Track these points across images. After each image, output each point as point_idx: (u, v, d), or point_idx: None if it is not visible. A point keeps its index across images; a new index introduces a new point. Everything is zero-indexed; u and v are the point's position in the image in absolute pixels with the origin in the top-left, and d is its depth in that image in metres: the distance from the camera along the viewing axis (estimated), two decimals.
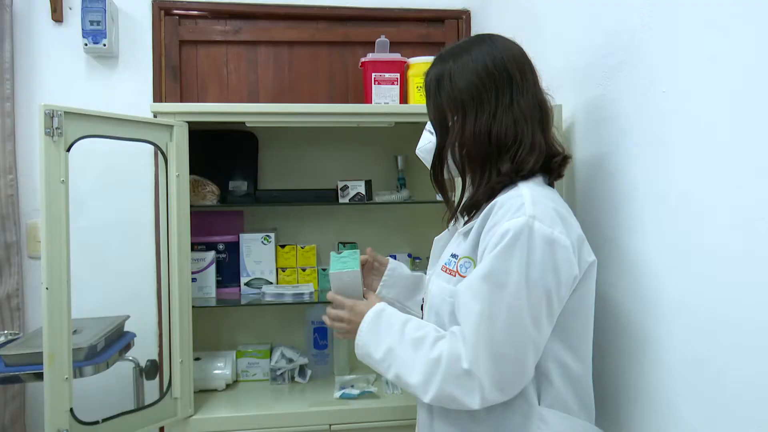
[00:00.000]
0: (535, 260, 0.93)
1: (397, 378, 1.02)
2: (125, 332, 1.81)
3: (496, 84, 1.04)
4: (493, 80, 1.04)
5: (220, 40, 2.13)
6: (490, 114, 1.04)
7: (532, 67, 1.11)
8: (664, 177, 1.05)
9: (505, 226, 0.95)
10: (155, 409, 1.62)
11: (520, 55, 1.10)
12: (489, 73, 1.05)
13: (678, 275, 1.00)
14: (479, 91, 1.04)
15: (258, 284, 1.99)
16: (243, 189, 2.01)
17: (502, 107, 1.04)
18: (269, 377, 1.95)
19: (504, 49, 1.08)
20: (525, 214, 0.95)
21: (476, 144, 1.04)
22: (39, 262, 1.95)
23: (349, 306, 1.15)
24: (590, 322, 1.07)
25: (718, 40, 0.91)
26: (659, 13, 1.06)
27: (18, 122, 1.95)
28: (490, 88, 1.04)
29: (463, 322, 0.97)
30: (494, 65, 1.05)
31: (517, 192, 1.01)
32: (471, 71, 1.05)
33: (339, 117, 1.74)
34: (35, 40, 1.97)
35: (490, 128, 1.03)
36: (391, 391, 1.85)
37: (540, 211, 0.96)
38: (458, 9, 2.21)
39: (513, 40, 1.14)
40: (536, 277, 0.93)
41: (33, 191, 1.96)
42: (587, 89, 1.33)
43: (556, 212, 0.98)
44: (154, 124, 1.60)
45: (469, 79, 1.05)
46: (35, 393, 1.97)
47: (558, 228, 0.96)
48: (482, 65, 1.05)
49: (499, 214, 0.98)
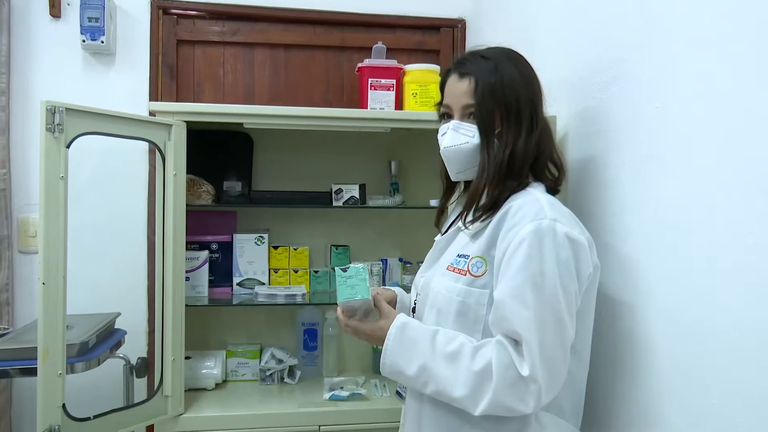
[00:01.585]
0: (562, 260, 0.97)
1: (437, 394, 1.02)
2: (116, 329, 1.81)
3: (536, 100, 1.12)
4: (538, 96, 1.13)
5: (218, 40, 2.14)
6: (536, 128, 1.10)
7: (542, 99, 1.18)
8: (654, 190, 1.08)
9: (530, 228, 0.98)
10: (146, 407, 1.62)
11: (536, 78, 1.17)
12: (536, 89, 1.13)
13: (666, 285, 1.04)
14: (533, 105, 1.11)
15: (250, 285, 2.00)
16: (237, 189, 2.02)
17: (541, 122, 1.12)
18: (258, 377, 1.96)
19: (530, 65, 1.16)
20: (546, 216, 0.99)
21: (522, 155, 1.08)
22: (29, 257, 1.96)
23: (369, 332, 1.10)
24: (591, 326, 1.10)
25: (711, 59, 0.95)
26: (654, 31, 1.09)
27: (12, 117, 1.94)
28: (538, 104, 1.12)
29: (519, 328, 0.96)
30: (536, 81, 1.14)
31: (533, 197, 1.04)
32: (523, 84, 1.11)
33: (336, 121, 1.77)
34: (32, 34, 1.97)
35: (537, 141, 1.10)
36: (380, 393, 1.88)
37: (558, 213, 1.00)
38: (454, 18, 2.25)
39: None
40: (566, 277, 0.97)
41: (25, 186, 1.96)
42: (581, 102, 1.37)
43: (571, 214, 1.04)
44: (153, 123, 1.61)
45: (524, 92, 1.10)
46: (22, 388, 1.96)
47: (576, 229, 1.00)
48: (530, 79, 1.13)
49: (518, 216, 1.01)
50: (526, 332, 0.95)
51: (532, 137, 1.09)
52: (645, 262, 1.11)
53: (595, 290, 1.10)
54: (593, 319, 1.12)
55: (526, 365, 0.95)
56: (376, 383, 1.95)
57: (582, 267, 1.00)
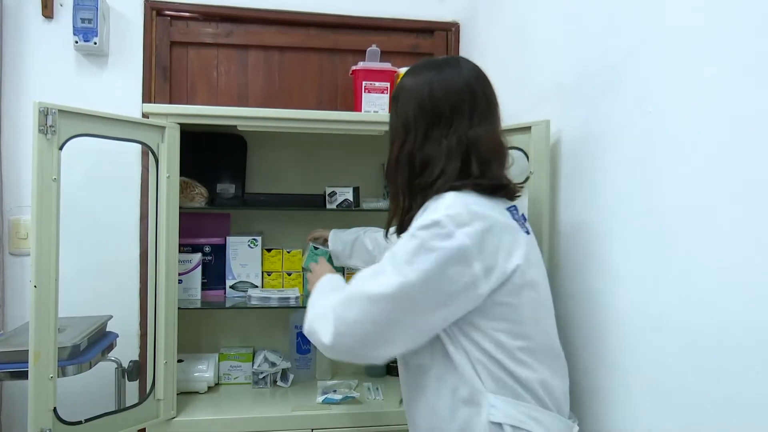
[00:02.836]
0: (431, 256, 1.02)
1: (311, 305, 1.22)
2: (108, 332, 1.80)
3: (426, 120, 1.14)
4: (424, 116, 1.14)
5: (211, 42, 2.13)
6: (414, 144, 1.15)
7: (474, 102, 1.15)
8: (646, 193, 1.09)
9: (415, 225, 1.06)
10: (138, 411, 1.61)
11: (460, 90, 1.15)
12: (423, 109, 1.15)
13: (658, 288, 1.05)
14: (408, 126, 1.16)
15: (243, 287, 1.99)
16: (231, 192, 2.01)
17: (426, 140, 1.14)
18: (251, 381, 1.96)
19: (445, 83, 1.15)
20: (434, 218, 1.03)
21: (399, 168, 1.17)
22: (20, 259, 1.95)
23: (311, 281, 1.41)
24: (540, 322, 1.11)
25: (704, 64, 0.95)
26: (648, 37, 1.10)
27: (3, 118, 1.93)
28: (420, 125, 1.15)
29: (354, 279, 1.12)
30: (431, 99, 1.14)
31: (439, 202, 1.07)
32: (410, 103, 1.16)
33: (330, 124, 1.76)
34: (24, 35, 1.95)
35: (411, 158, 1.15)
36: (373, 396, 1.87)
37: (448, 216, 1.02)
38: (448, 21, 2.25)
39: (474, 67, 1.20)
40: (430, 270, 1.02)
41: (17, 188, 1.94)
42: (574, 106, 1.37)
43: (472, 218, 1.03)
44: (146, 125, 1.60)
45: (406, 112, 1.16)
46: (12, 391, 1.94)
47: (465, 228, 1.01)
48: (418, 100, 1.15)
49: (416, 220, 1.09)
50: (353, 286, 1.09)
51: (404, 151, 1.15)
52: (636, 266, 1.11)
53: (526, 287, 1.07)
54: (546, 316, 1.14)
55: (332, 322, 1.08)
56: (369, 386, 1.95)
57: (455, 263, 1.01)
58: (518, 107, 1.68)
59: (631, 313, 1.13)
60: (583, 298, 1.31)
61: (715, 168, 0.93)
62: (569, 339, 1.36)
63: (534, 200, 1.46)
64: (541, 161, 1.44)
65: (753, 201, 0.85)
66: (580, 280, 1.32)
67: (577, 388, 1.29)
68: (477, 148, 1.12)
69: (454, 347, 1.07)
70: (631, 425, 1.14)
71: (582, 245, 1.33)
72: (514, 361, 1.06)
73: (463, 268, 1.00)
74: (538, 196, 1.44)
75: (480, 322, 1.05)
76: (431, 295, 1.02)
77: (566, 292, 1.38)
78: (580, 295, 1.32)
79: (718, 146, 0.92)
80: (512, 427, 1.04)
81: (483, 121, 1.15)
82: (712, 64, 0.94)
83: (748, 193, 0.86)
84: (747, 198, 0.86)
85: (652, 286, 1.07)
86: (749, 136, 0.86)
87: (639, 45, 1.13)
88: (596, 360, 1.25)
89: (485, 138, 1.13)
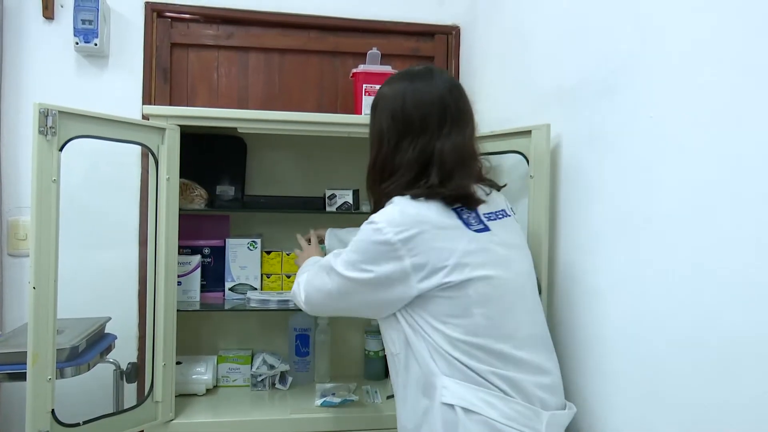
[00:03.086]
0: (361, 248, 1.17)
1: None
2: (106, 334, 1.79)
3: (398, 131, 1.21)
4: (396, 127, 1.21)
5: (212, 44, 2.13)
6: (387, 154, 1.23)
7: (444, 114, 1.20)
8: (646, 199, 1.09)
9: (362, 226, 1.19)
10: (136, 413, 1.61)
11: (431, 103, 1.20)
12: (395, 120, 1.21)
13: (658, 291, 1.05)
14: (382, 136, 1.24)
15: (242, 290, 1.99)
16: (230, 194, 2.01)
17: (396, 150, 1.21)
18: (250, 383, 1.95)
19: (418, 95, 1.21)
20: (373, 221, 1.15)
21: (372, 175, 1.27)
22: (19, 260, 1.94)
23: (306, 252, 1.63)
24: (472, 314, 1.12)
25: (705, 70, 0.96)
26: (649, 42, 1.10)
27: (3, 118, 1.92)
28: (392, 136, 1.22)
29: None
30: (403, 111, 1.21)
31: (386, 208, 1.18)
32: (385, 113, 1.23)
33: (330, 127, 1.77)
34: (25, 36, 1.95)
35: (382, 166, 1.24)
36: (372, 399, 1.87)
37: (386, 220, 1.13)
38: (448, 24, 2.25)
39: (447, 79, 1.25)
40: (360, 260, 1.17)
41: (16, 188, 1.94)
42: (575, 110, 1.37)
43: (402, 220, 1.12)
44: (146, 126, 1.60)
45: (381, 122, 1.24)
46: (10, 392, 1.93)
47: (395, 228, 1.12)
48: (392, 111, 1.22)
49: None
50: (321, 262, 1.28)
51: (378, 158, 1.25)
52: (636, 270, 1.11)
53: (472, 283, 1.11)
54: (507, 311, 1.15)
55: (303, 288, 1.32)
56: (368, 389, 1.95)
57: (387, 257, 1.13)
58: (518, 111, 1.69)
59: (631, 316, 1.13)
60: (581, 300, 1.31)
61: (715, 173, 0.93)
62: (567, 338, 1.36)
63: (534, 204, 1.46)
64: (542, 165, 1.44)
65: (753, 206, 0.85)
66: (580, 281, 1.32)
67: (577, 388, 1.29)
68: (441, 158, 1.18)
69: (415, 336, 1.15)
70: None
71: (582, 248, 1.33)
72: (464, 353, 1.11)
73: (392, 259, 1.12)
74: (538, 199, 1.45)
75: (426, 314, 1.13)
76: (364, 275, 1.16)
77: (565, 293, 1.38)
78: (578, 296, 1.33)
79: (719, 151, 0.92)
80: (463, 409, 1.08)
81: (453, 132, 1.20)
82: (713, 69, 0.94)
83: (748, 198, 0.86)
84: (747, 203, 0.86)
85: (653, 290, 1.07)
86: (750, 142, 0.86)
87: (640, 50, 1.13)
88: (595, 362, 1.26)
89: (450, 149, 1.19)
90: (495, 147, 1.60)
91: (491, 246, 1.17)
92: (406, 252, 1.11)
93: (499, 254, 1.18)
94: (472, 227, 1.16)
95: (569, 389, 1.29)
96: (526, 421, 1.09)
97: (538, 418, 1.11)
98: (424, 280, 1.11)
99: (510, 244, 1.22)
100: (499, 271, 1.15)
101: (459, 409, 1.08)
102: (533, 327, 1.20)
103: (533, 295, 1.24)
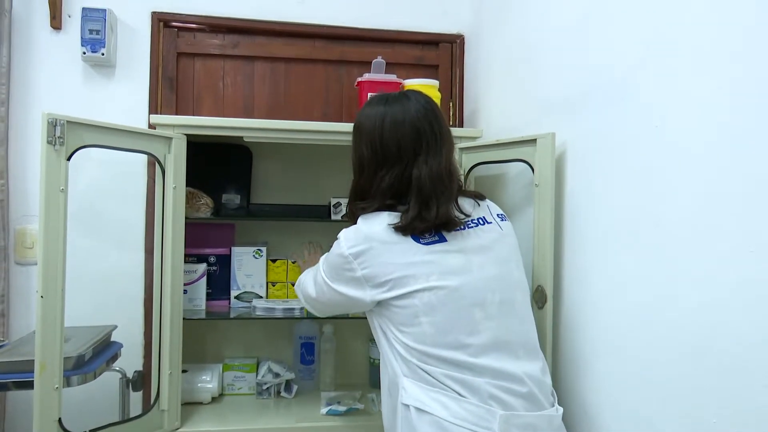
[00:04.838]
0: (330, 260, 1.31)
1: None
2: (112, 342, 1.80)
3: (377, 159, 1.28)
4: (375, 157, 1.28)
5: (218, 53, 2.14)
6: (366, 180, 1.31)
7: (419, 140, 1.26)
8: (653, 207, 1.09)
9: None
10: (142, 421, 1.61)
11: (405, 133, 1.26)
12: (374, 149, 1.28)
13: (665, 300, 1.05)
14: (362, 163, 1.31)
15: (248, 298, 1.99)
16: (236, 202, 2.02)
17: (374, 177, 1.28)
18: (255, 391, 1.95)
19: (393, 123, 1.27)
20: (339, 237, 1.28)
21: (353, 196, 1.36)
22: (26, 269, 1.95)
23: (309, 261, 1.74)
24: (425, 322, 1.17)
25: (711, 79, 0.96)
26: (655, 52, 1.11)
27: (11, 127, 1.94)
28: (371, 165, 1.29)
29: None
30: (380, 140, 1.27)
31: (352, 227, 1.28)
32: (364, 140, 1.30)
33: (336, 135, 1.77)
34: (33, 46, 1.97)
35: (361, 190, 1.33)
36: (378, 407, 1.87)
37: (346, 237, 1.25)
38: (453, 33, 2.26)
39: (422, 104, 1.30)
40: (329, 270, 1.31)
41: (23, 197, 1.95)
42: (580, 119, 1.38)
43: (357, 236, 1.23)
44: (153, 135, 1.62)
45: (361, 150, 1.31)
46: (16, 401, 1.94)
47: (350, 242, 1.23)
48: (370, 140, 1.28)
49: None
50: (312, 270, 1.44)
51: (359, 184, 1.33)
52: (642, 278, 1.11)
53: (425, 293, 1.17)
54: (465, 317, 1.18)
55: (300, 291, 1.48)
56: (374, 398, 1.94)
57: (344, 268, 1.25)
58: (523, 119, 1.69)
59: (638, 323, 1.13)
60: (588, 308, 1.31)
61: (721, 181, 0.93)
62: (575, 345, 1.36)
63: (539, 212, 1.46)
64: (547, 174, 1.44)
65: (759, 212, 0.85)
66: (585, 289, 1.32)
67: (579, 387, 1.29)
68: (418, 184, 1.24)
69: (384, 339, 1.24)
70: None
71: (587, 256, 1.33)
72: (418, 359, 1.17)
73: (348, 270, 1.23)
74: (543, 208, 1.45)
75: (387, 320, 1.22)
76: (334, 279, 1.29)
77: (570, 299, 1.38)
78: (585, 303, 1.33)
79: (724, 159, 0.92)
80: (416, 409, 1.15)
81: (430, 157, 1.25)
82: (717, 77, 0.94)
83: (754, 205, 0.86)
84: (753, 209, 0.86)
85: (661, 297, 1.07)
86: (754, 149, 0.86)
87: (645, 58, 1.13)
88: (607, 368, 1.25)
89: (427, 175, 1.24)
90: (500, 155, 1.60)
91: (442, 256, 1.20)
92: (357, 265, 1.22)
93: (450, 264, 1.20)
94: (423, 240, 1.21)
95: (577, 394, 1.29)
96: (478, 420, 1.11)
97: (492, 416, 1.11)
98: (375, 289, 1.21)
99: (473, 250, 1.23)
100: (450, 280, 1.18)
101: (413, 409, 1.15)
102: (504, 333, 1.19)
103: (508, 301, 1.23)
